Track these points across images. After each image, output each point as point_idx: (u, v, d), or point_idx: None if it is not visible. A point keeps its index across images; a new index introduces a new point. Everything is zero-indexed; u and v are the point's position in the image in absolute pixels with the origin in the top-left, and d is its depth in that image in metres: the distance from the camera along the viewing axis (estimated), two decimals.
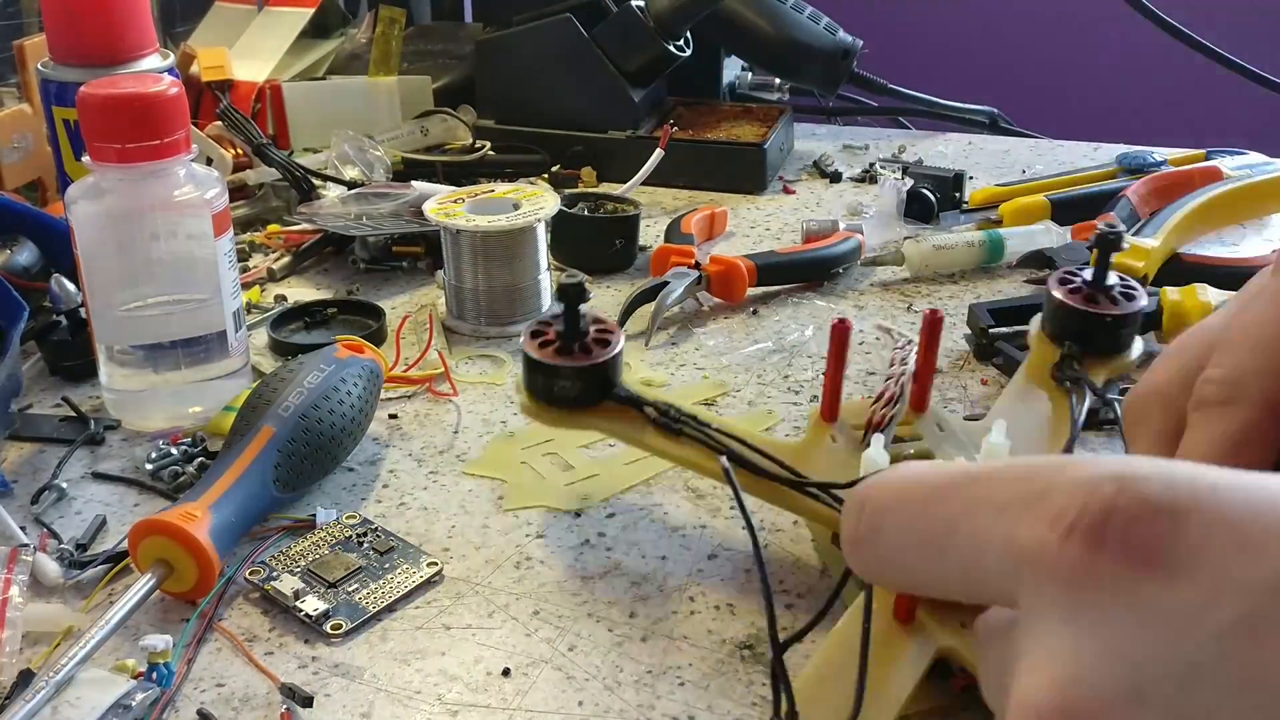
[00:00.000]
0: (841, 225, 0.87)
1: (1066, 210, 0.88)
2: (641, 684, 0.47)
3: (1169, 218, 0.80)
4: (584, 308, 0.53)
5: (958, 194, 0.93)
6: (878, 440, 0.49)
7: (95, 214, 0.63)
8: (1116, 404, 0.57)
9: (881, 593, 0.44)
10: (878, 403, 0.54)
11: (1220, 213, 0.86)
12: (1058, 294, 0.59)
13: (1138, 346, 0.59)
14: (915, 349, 0.55)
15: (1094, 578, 0.26)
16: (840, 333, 0.54)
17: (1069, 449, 0.53)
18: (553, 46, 1.01)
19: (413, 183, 0.91)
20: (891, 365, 0.54)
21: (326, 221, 0.85)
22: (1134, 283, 0.59)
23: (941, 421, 0.55)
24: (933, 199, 0.91)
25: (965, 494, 0.30)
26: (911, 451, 0.52)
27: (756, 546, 0.45)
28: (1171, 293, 0.71)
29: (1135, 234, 0.79)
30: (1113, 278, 0.59)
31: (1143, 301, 0.58)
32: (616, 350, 0.54)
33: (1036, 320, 0.60)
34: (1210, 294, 0.70)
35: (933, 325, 0.55)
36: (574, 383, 0.53)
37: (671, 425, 0.53)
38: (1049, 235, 0.84)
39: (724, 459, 0.50)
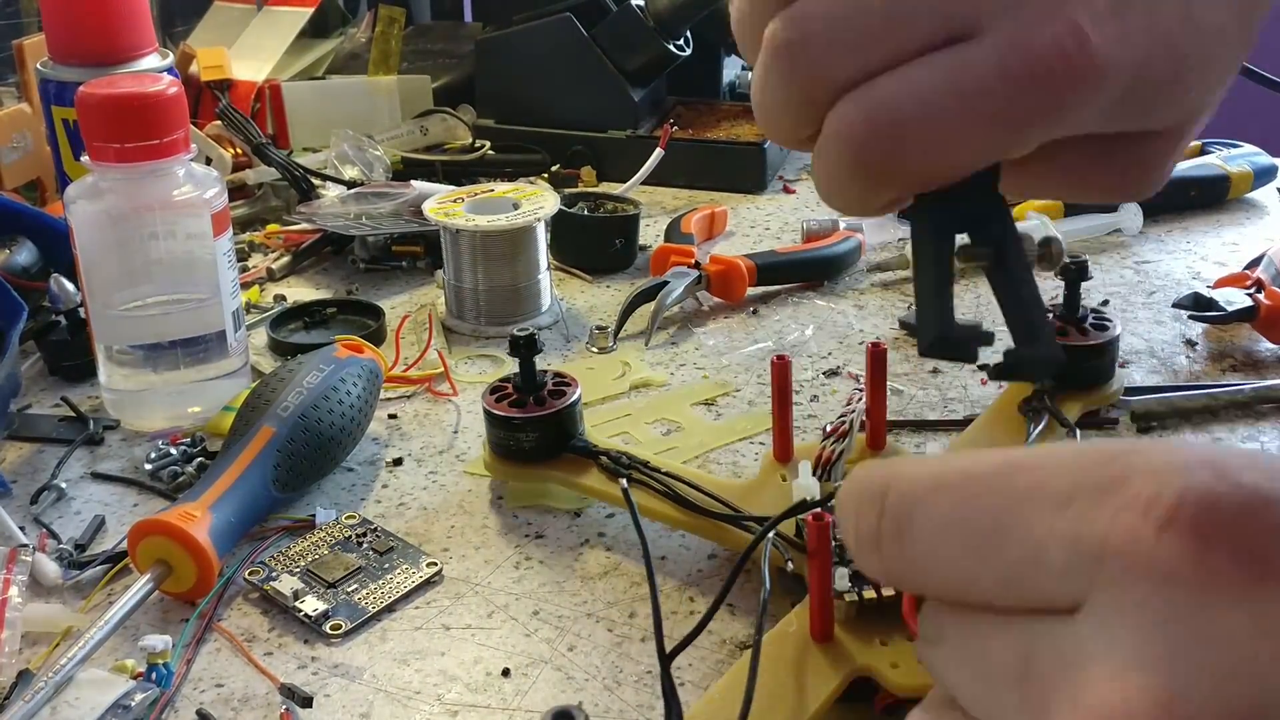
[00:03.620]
0: (841, 225, 0.87)
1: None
2: (641, 684, 0.47)
3: None
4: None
5: None
6: (805, 468, 0.50)
7: (94, 214, 0.63)
8: (1078, 432, 0.57)
9: (801, 612, 0.44)
10: (829, 438, 0.54)
11: None
12: None
13: (1120, 377, 0.60)
14: (862, 393, 0.55)
15: (1202, 579, 0.23)
16: (781, 370, 0.54)
17: None
18: (552, 46, 1.01)
19: (412, 182, 0.91)
20: (848, 404, 0.54)
21: (326, 221, 0.85)
22: (1106, 313, 0.61)
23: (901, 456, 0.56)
24: None
25: (1016, 483, 0.26)
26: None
27: (648, 557, 0.47)
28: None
29: None
30: (1084, 310, 0.61)
31: (1116, 330, 0.60)
32: (573, 399, 0.56)
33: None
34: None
35: (876, 358, 0.55)
36: (530, 434, 0.55)
37: (621, 470, 0.54)
38: (1042, 229, 0.84)
39: (622, 481, 0.52)
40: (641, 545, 0.48)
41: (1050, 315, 0.60)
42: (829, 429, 0.53)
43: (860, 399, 0.54)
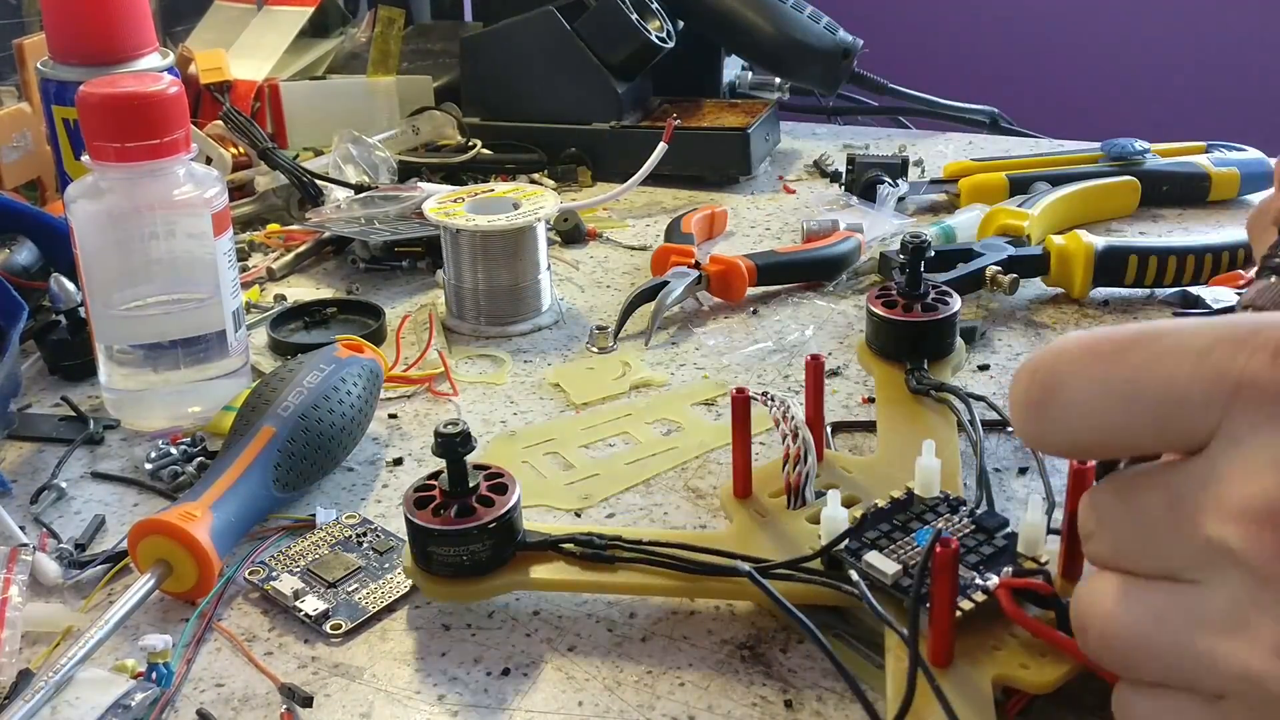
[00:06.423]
0: (842, 225, 0.87)
1: (1023, 190, 0.91)
2: (641, 684, 0.47)
3: (1046, 197, 0.86)
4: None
5: (902, 179, 0.96)
6: (834, 496, 0.48)
7: (95, 213, 0.63)
8: (973, 403, 0.58)
9: (898, 645, 0.43)
10: (788, 464, 0.51)
11: (1090, 203, 0.90)
12: (880, 311, 0.62)
13: (960, 348, 0.63)
14: (785, 403, 0.52)
15: None
16: (741, 405, 0.52)
17: (979, 454, 0.54)
18: (536, 41, 1.01)
19: (420, 184, 0.91)
20: (778, 425, 0.51)
21: (338, 229, 0.85)
22: (946, 289, 0.63)
23: (845, 465, 0.55)
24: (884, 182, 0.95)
25: (1161, 343, 0.31)
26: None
27: (825, 648, 0.42)
28: (1057, 239, 0.77)
29: (1022, 205, 0.85)
30: (926, 286, 0.62)
31: (957, 304, 0.62)
32: (518, 494, 0.49)
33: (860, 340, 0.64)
34: (1090, 238, 0.76)
35: (816, 371, 0.54)
36: (485, 543, 0.48)
37: (602, 554, 0.49)
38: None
39: (743, 564, 0.46)
40: (814, 637, 0.42)
41: (892, 291, 0.63)
42: (785, 455, 0.51)
43: (788, 412, 0.52)
